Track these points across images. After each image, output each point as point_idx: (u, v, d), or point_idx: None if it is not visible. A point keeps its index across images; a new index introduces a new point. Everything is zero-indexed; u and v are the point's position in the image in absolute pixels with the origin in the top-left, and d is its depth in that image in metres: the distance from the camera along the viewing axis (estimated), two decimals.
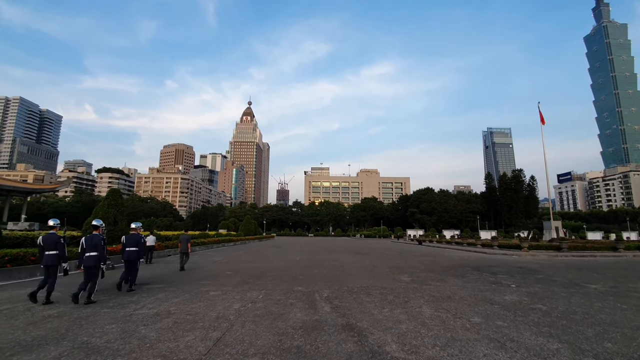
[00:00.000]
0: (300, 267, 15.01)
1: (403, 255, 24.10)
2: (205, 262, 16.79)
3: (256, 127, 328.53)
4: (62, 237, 7.62)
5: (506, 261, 19.29)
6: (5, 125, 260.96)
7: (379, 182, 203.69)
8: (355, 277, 11.63)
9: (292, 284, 9.85)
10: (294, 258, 20.19)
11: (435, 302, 7.39)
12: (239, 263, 16.84)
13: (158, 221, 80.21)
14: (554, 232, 49.10)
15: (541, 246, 28.66)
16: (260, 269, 13.88)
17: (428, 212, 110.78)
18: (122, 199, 22.98)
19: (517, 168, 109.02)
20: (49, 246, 7.31)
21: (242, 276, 11.73)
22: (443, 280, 11.03)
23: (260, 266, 15.18)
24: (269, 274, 12.23)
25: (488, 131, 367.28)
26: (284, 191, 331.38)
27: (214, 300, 7.55)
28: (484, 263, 17.76)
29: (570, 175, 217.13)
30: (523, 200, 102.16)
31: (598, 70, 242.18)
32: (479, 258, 21.72)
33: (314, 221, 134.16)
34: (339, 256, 22.00)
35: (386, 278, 11.28)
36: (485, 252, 27.42)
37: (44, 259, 7.26)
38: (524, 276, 12.38)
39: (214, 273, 12.72)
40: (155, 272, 12.76)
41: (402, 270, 13.73)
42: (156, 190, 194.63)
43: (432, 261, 18.71)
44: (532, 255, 24.37)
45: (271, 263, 16.82)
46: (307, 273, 12.70)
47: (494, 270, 14.34)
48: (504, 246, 30.68)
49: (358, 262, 17.22)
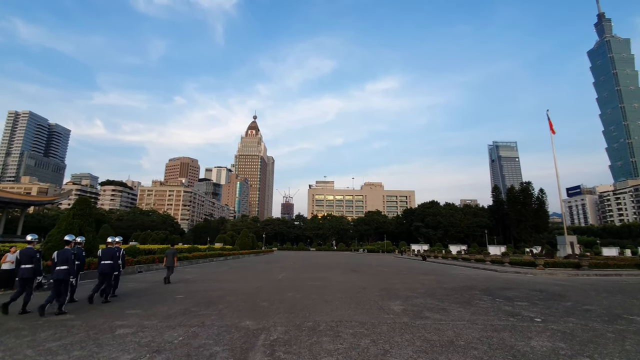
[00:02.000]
0: (275, 288, 12.57)
1: (402, 273, 21.44)
2: (171, 280, 14.41)
3: (261, 140, 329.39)
4: (38, 252, 7.93)
5: (521, 281, 16.60)
6: (14, 139, 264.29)
7: (384, 196, 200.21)
8: (333, 304, 9.17)
9: (243, 316, 7.45)
10: (277, 276, 17.70)
11: (430, 354, 4.94)
12: (207, 282, 14.43)
13: (153, 234, 78.03)
14: (569, 248, 45.87)
15: (558, 263, 25.80)
16: (223, 291, 11.47)
17: (433, 226, 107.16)
18: (90, 209, 20.82)
19: (524, 181, 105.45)
20: (25, 260, 7.70)
21: (192, 301, 9.35)
22: (445, 310, 8.53)
23: (227, 287, 12.76)
24: (227, 299, 9.83)
25: (494, 145, 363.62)
26: (289, 205, 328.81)
27: (107, 345, 5.20)
28: (496, 284, 15.13)
29: (579, 189, 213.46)
30: (532, 214, 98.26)
31: (603, 83, 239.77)
32: (489, 277, 19.02)
33: (317, 235, 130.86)
34: (329, 274, 19.45)
35: (371, 307, 8.80)
36: (496, 270, 24.59)
37: (20, 272, 7.63)
38: (548, 303, 9.82)
39: (162, 295, 10.36)
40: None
41: (395, 295, 11.22)
42: (159, 203, 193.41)
43: (434, 281, 16.09)
44: (549, 274, 21.56)
45: (244, 283, 14.38)
46: (276, 298, 10.26)
47: (509, 294, 11.76)
48: (516, 263, 27.79)
49: (347, 283, 14.70)
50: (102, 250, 9.59)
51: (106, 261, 9.33)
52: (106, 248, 9.71)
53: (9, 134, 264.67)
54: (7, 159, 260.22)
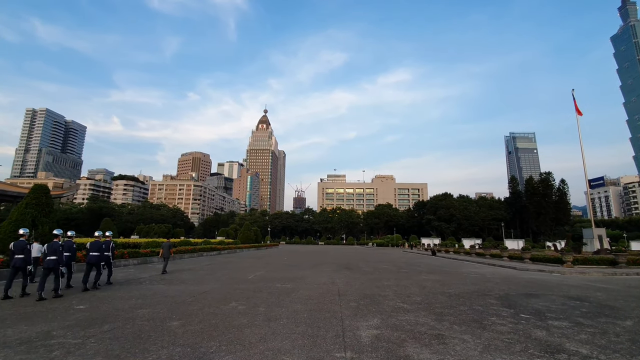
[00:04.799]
0: (224, 294, 9.73)
1: (402, 271, 18.31)
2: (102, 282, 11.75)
3: (272, 134, 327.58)
4: (28, 244, 9.04)
5: (548, 283, 13.29)
6: (32, 136, 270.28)
7: (395, 189, 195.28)
8: (275, 325, 6.22)
9: (110, 350, 4.61)
10: (248, 276, 14.89)
11: None
12: (153, 284, 11.69)
13: (156, 227, 76.81)
14: (597, 242, 41.58)
15: (589, 260, 22.18)
16: (147, 299, 8.68)
17: (446, 219, 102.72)
18: (48, 198, 18.50)
19: (544, 172, 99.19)
20: (18, 251, 8.73)
21: (79, 317, 6.57)
22: (441, 338, 5.48)
23: (164, 292, 9.98)
24: (137, 312, 7.02)
25: (510, 136, 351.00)
26: (301, 199, 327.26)
27: None
28: (517, 287, 11.90)
29: (602, 180, 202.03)
30: (553, 206, 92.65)
31: (627, 70, 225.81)
32: (508, 277, 15.72)
33: (326, 228, 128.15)
34: (312, 273, 16.53)
35: (328, 333, 5.80)
36: (515, 268, 21.15)
37: (13, 261, 8.70)
38: (599, 322, 6.65)
39: (59, 303, 7.64)
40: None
41: (377, 307, 8.20)
42: (170, 198, 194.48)
43: (437, 283, 12.95)
44: (580, 273, 18.06)
45: (197, 285, 11.59)
46: (208, 311, 7.39)
47: (538, 304, 8.57)
48: (539, 259, 24.21)
49: (324, 286, 11.73)
50: (91, 243, 10.53)
51: (94, 253, 10.27)
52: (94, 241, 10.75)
53: (27, 131, 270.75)
54: (26, 156, 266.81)
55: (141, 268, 18.03)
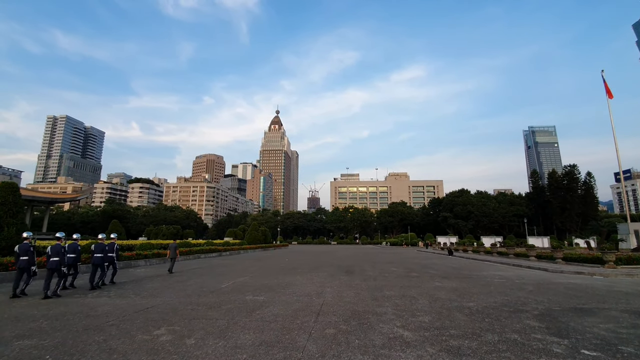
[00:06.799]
0: (169, 311, 7.50)
1: (413, 275, 15.68)
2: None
3: (284, 135, 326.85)
4: (32, 246, 9.23)
5: (596, 290, 10.46)
6: (54, 142, 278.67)
7: (409, 186, 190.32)
8: None
9: None
10: (225, 283, 12.64)
11: None
12: (97, 297, 9.64)
13: (164, 229, 76.13)
14: (634, 238, 37.52)
15: (634, 258, 18.96)
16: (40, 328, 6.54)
17: (463, 217, 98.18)
18: (17, 197, 16.79)
19: (569, 164, 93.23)
20: (22, 253, 9.04)
21: None
22: None
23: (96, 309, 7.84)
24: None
25: (530, 130, 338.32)
26: (315, 199, 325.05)
27: None
28: (559, 298, 9.17)
29: (629, 172, 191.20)
30: (579, 201, 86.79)
31: None
32: (542, 282, 12.90)
33: (338, 228, 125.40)
34: (304, 279, 14.14)
35: None
36: (547, 270, 18.13)
37: (18, 262, 9.02)
38: None
39: None
40: None
41: (366, 332, 5.76)
42: (184, 199, 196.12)
43: (453, 293, 10.32)
44: (627, 275, 15.02)
45: (149, 298, 9.42)
46: (103, 347, 5.15)
47: (597, 326, 5.92)
48: (574, 259, 21.01)
49: (308, 298, 9.31)
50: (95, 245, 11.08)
51: (97, 254, 10.89)
52: (99, 243, 11.19)
53: (48, 137, 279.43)
54: (48, 162, 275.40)
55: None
